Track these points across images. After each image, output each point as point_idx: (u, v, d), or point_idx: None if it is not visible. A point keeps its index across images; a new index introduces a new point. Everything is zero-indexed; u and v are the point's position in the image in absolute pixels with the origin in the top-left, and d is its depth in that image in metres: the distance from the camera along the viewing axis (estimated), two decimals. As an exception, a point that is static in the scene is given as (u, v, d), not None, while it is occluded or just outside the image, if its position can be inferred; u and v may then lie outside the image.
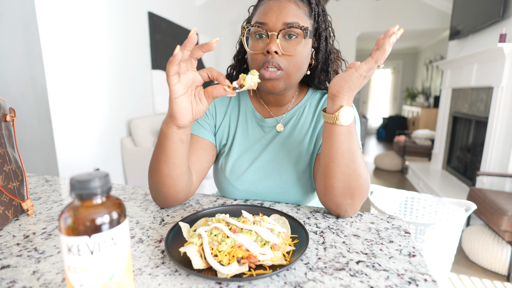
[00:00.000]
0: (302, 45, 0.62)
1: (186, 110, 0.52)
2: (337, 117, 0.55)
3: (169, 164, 0.58)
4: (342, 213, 0.62)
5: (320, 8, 0.67)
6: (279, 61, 0.62)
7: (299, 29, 0.61)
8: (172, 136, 0.56)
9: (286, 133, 0.73)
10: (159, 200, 0.65)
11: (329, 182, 0.59)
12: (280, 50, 0.61)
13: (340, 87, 0.55)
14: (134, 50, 2.66)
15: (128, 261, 0.33)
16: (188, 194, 0.67)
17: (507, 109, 2.36)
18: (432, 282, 0.42)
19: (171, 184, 0.61)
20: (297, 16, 0.62)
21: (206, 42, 0.47)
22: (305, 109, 0.74)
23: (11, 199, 0.60)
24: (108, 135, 2.39)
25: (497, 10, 2.43)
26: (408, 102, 7.09)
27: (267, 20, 0.62)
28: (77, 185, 0.29)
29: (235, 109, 0.77)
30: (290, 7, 0.62)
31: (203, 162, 0.71)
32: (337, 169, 0.57)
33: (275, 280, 0.42)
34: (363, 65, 0.52)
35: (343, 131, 0.56)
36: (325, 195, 0.61)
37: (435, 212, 1.63)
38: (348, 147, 0.57)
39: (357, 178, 0.58)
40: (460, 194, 2.78)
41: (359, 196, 0.59)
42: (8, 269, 0.45)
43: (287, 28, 0.61)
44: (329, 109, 0.57)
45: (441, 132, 3.64)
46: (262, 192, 0.73)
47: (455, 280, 1.76)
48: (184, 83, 0.51)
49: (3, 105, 0.63)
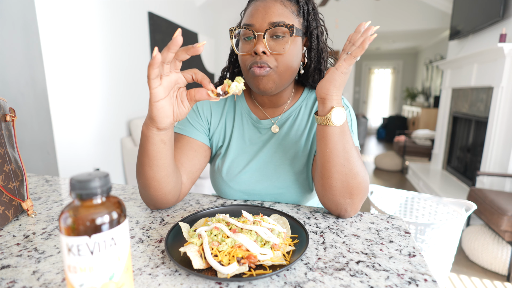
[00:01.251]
0: (289, 43, 0.62)
1: (166, 113, 0.51)
2: (329, 119, 0.56)
3: (153, 166, 0.57)
4: (343, 213, 0.61)
5: (310, 6, 0.67)
6: (268, 61, 0.62)
7: (284, 27, 0.61)
8: (153, 138, 0.54)
9: (283, 134, 0.73)
10: (149, 203, 0.64)
11: (327, 182, 0.59)
12: (267, 50, 0.61)
13: (326, 89, 0.56)
14: (134, 50, 2.66)
15: (128, 261, 0.33)
16: (178, 196, 0.66)
17: (507, 109, 2.36)
18: (432, 282, 0.42)
19: (157, 187, 0.59)
20: (283, 15, 0.62)
21: (192, 45, 0.46)
22: (301, 109, 0.74)
23: (11, 199, 0.60)
24: (108, 135, 2.40)
25: (497, 10, 2.43)
26: (408, 102, 7.09)
27: (254, 21, 0.62)
28: (77, 185, 0.29)
29: (231, 110, 0.77)
30: (275, 7, 0.62)
31: (194, 163, 0.70)
32: (333, 169, 0.58)
33: (275, 280, 0.42)
34: (343, 62, 0.54)
35: (336, 131, 0.57)
36: (324, 195, 0.61)
37: (435, 212, 1.63)
38: (342, 147, 0.57)
39: (354, 176, 0.58)
40: (460, 194, 2.78)
41: (358, 195, 0.59)
42: (8, 269, 0.45)
43: (273, 27, 0.60)
44: (320, 112, 0.58)
45: (441, 132, 3.64)
46: (260, 193, 0.72)
47: (455, 280, 1.76)
48: (166, 86, 0.49)
49: (3, 105, 0.63)
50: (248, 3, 0.69)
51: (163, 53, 0.46)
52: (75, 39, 2.03)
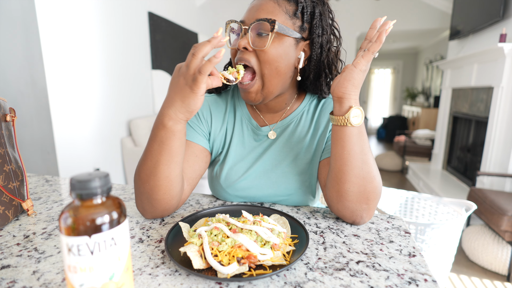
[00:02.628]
0: (270, 39, 0.58)
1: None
2: (348, 119, 0.54)
3: (171, 163, 0.55)
4: (358, 220, 0.58)
5: (317, 10, 0.62)
6: (249, 57, 0.60)
7: (266, 22, 0.57)
8: (180, 132, 0.54)
9: (284, 141, 0.71)
10: (149, 209, 0.60)
11: (343, 188, 0.56)
12: (249, 46, 0.59)
13: (344, 87, 0.53)
14: (134, 50, 2.66)
15: (128, 261, 0.33)
16: (179, 203, 0.63)
17: (507, 109, 2.35)
18: (432, 282, 0.42)
19: (168, 188, 0.57)
20: (273, 13, 0.59)
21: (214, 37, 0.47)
22: (302, 115, 0.72)
23: (11, 199, 0.60)
24: (108, 135, 2.39)
25: (497, 10, 2.43)
26: (408, 102, 7.09)
27: (245, 18, 0.62)
28: (77, 185, 0.29)
29: (231, 116, 0.74)
30: (267, 4, 0.60)
31: (194, 169, 0.67)
32: (351, 172, 0.55)
33: (275, 280, 0.42)
34: (361, 59, 0.52)
35: (354, 132, 0.54)
36: (338, 201, 0.58)
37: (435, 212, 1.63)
38: (360, 149, 0.55)
39: (371, 180, 0.55)
40: (460, 194, 2.78)
41: (374, 200, 0.56)
42: (8, 269, 0.45)
43: (256, 22, 0.58)
44: (337, 112, 0.56)
45: (441, 132, 3.64)
46: (260, 201, 0.72)
47: (455, 280, 1.76)
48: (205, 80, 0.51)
49: (3, 105, 0.63)
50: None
51: (205, 47, 0.47)
52: (75, 39, 2.03)
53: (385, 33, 0.50)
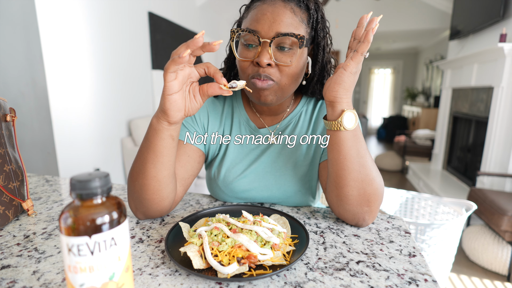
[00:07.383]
0: (297, 55, 0.57)
1: (179, 107, 0.51)
2: (341, 123, 0.53)
3: (157, 163, 0.55)
4: (360, 222, 0.58)
5: (319, 14, 0.61)
6: (271, 73, 0.57)
7: (294, 38, 0.55)
8: (162, 132, 0.53)
9: (283, 142, 0.70)
10: (140, 209, 0.59)
11: (342, 192, 0.56)
12: (272, 61, 0.56)
13: (335, 91, 0.52)
14: (134, 50, 2.66)
15: (128, 261, 0.33)
16: (172, 204, 0.62)
17: (507, 109, 2.35)
18: (432, 282, 0.42)
19: (157, 188, 0.56)
20: (292, 25, 0.56)
21: (208, 42, 0.45)
22: (300, 116, 0.71)
23: (11, 199, 0.60)
24: (108, 135, 2.39)
25: (497, 10, 2.43)
26: (408, 102, 7.09)
27: (259, 28, 0.56)
28: (77, 185, 0.29)
29: (229, 118, 0.73)
30: (285, 15, 0.56)
31: (187, 169, 0.66)
32: (348, 176, 0.54)
33: (275, 280, 0.42)
34: (350, 61, 0.50)
35: (349, 136, 0.54)
36: (339, 205, 0.58)
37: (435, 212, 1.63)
38: (356, 152, 0.54)
39: (370, 183, 0.54)
40: (460, 194, 2.78)
41: (375, 202, 0.56)
42: (9, 269, 0.45)
43: (281, 36, 0.55)
44: (330, 116, 0.55)
45: (441, 132, 3.63)
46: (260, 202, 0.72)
47: (455, 280, 1.76)
48: (180, 80, 0.49)
49: (4, 105, 0.63)
50: (252, 2, 0.63)
51: (181, 49, 0.45)
52: (75, 39, 2.03)
53: (372, 31, 0.49)
